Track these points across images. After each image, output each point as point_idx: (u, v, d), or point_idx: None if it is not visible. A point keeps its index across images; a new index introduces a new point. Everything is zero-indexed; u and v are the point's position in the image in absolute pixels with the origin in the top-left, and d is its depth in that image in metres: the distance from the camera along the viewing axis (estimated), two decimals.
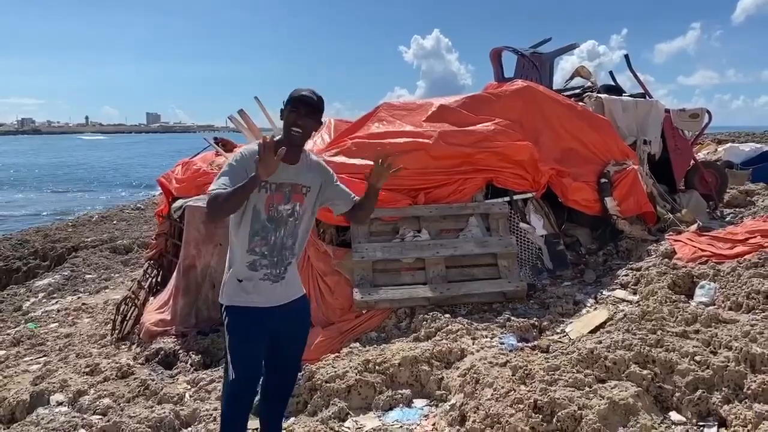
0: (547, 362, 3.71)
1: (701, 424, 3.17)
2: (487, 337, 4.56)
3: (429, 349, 4.19)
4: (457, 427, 3.38)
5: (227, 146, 7.47)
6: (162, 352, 5.29)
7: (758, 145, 14.68)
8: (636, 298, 5.11)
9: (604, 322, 4.56)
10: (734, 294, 4.69)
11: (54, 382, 4.70)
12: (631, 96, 8.11)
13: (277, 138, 2.78)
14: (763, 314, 4.25)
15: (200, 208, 5.81)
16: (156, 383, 4.61)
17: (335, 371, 4.03)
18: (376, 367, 4.05)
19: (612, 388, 3.32)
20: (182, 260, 5.89)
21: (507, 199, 6.05)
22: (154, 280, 6.97)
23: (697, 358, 3.51)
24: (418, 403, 3.84)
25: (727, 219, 7.82)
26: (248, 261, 2.74)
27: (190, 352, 5.21)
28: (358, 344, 4.60)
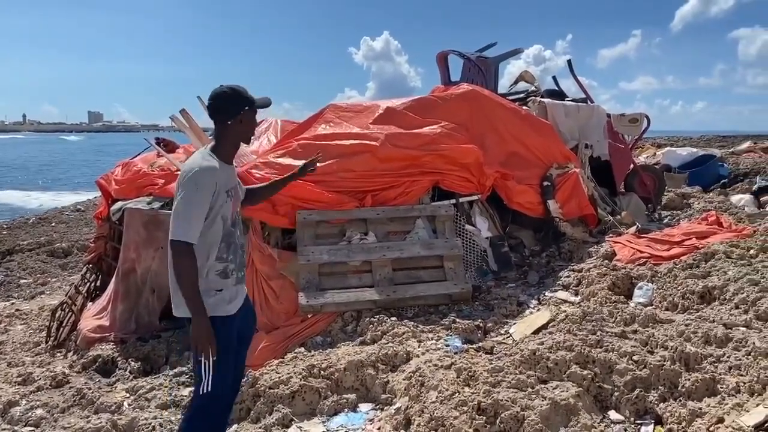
0: (491, 364, 3.74)
1: (639, 422, 3.25)
2: (432, 339, 4.57)
3: (375, 353, 4.17)
4: (402, 430, 3.37)
5: (169, 147, 7.29)
6: (100, 359, 5.11)
7: (695, 150, 15.26)
8: (577, 299, 5.22)
9: (547, 323, 4.63)
10: (670, 294, 4.84)
11: None
12: (573, 101, 8.29)
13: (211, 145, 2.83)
14: (697, 314, 4.40)
15: (140, 211, 5.65)
16: (92, 392, 4.44)
17: (279, 377, 3.96)
18: (321, 372, 4.00)
19: (554, 389, 3.36)
20: (121, 264, 5.70)
21: (453, 201, 6.09)
22: (92, 284, 6.74)
23: (635, 357, 3.60)
24: (364, 407, 3.81)
25: (664, 221, 8.08)
26: (218, 269, 2.73)
27: (129, 359, 5.05)
28: (303, 349, 4.54)
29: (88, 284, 6.71)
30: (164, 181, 5.87)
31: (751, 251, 5.36)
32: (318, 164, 3.63)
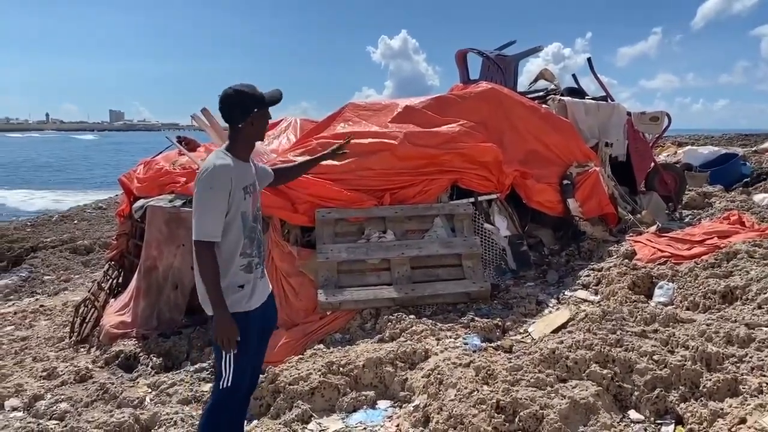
0: (510, 362, 3.74)
1: (659, 422, 3.23)
2: (451, 337, 4.58)
3: (393, 350, 4.19)
4: (421, 428, 3.38)
5: (190, 145, 7.36)
6: (122, 354, 5.19)
7: (716, 148, 15.08)
8: (597, 298, 5.19)
9: (566, 322, 4.61)
10: (691, 294, 4.80)
11: (8, 387, 4.57)
12: (593, 99, 8.24)
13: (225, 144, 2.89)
14: (719, 314, 4.36)
15: (162, 208, 5.72)
16: (115, 387, 4.51)
17: (299, 373, 3.99)
18: (340, 369, 4.03)
19: (573, 388, 3.35)
20: (143, 261, 5.78)
21: (471, 200, 6.09)
22: (114, 281, 6.83)
23: (656, 357, 3.58)
24: (382, 404, 3.83)
25: (685, 220, 8.00)
26: (242, 264, 2.76)
27: (151, 355, 5.12)
28: (322, 346, 4.57)
29: (110, 281, 6.80)
30: (186, 180, 5.93)
31: None
32: (337, 163, 3.82)
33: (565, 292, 5.42)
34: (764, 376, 3.31)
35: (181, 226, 5.49)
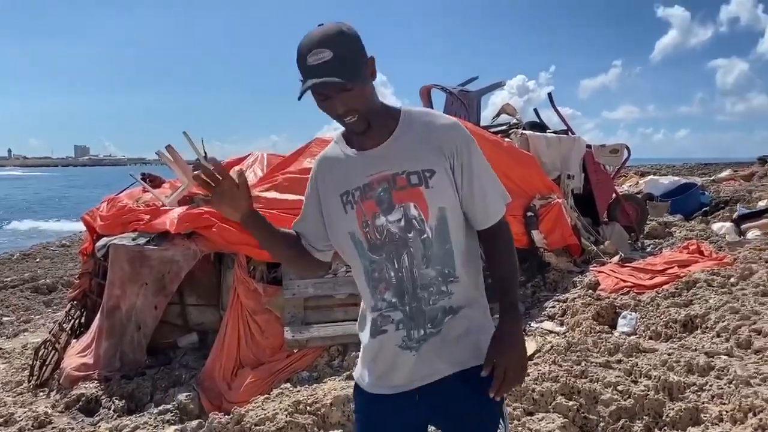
0: None
1: None
2: None
3: None
4: None
5: (155, 182, 7.30)
6: (83, 398, 5.03)
7: (676, 178, 15.52)
8: (563, 329, 5.25)
9: (533, 354, 4.64)
10: (653, 323, 4.89)
11: None
12: (554, 132, 8.44)
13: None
14: (680, 343, 4.45)
15: (125, 247, 5.63)
16: None
17: (265, 413, 3.93)
18: (307, 408, 3.98)
19: (539, 421, 3.38)
20: (106, 301, 5.66)
21: None
22: (77, 321, 6.66)
23: (620, 387, 3.63)
24: None
25: (647, 250, 8.17)
26: (373, 316, 1.76)
27: (114, 398, 4.98)
28: (289, 384, 4.51)
29: (72, 321, 6.63)
30: (150, 217, 5.86)
31: (732, 279, 5.44)
32: (304, 197, 2.96)
33: (532, 324, 5.47)
34: (724, 404, 3.38)
35: (145, 265, 5.41)
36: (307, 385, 4.50)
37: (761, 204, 10.53)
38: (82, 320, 6.66)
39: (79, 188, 63.59)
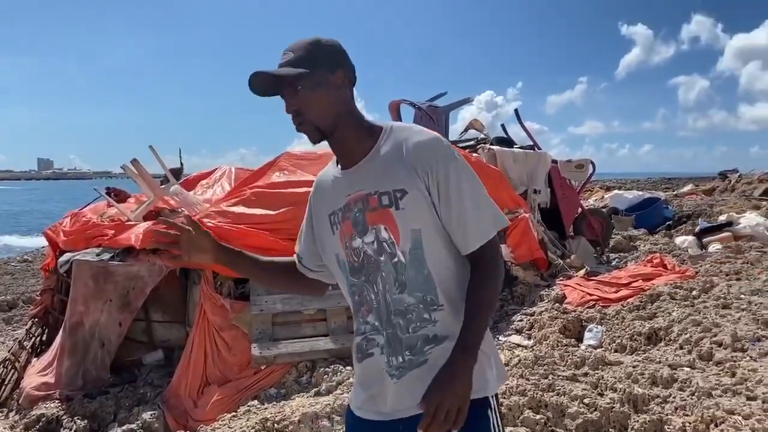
0: None
1: None
2: None
3: (330, 404, 4.13)
4: None
5: (120, 196, 7.19)
6: (44, 418, 4.89)
7: (641, 193, 15.82)
8: (530, 342, 5.29)
9: None
10: (619, 336, 4.96)
11: None
12: (521, 148, 8.56)
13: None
14: (645, 355, 4.52)
15: (89, 262, 5.53)
16: None
17: (232, 431, 3.88)
18: (275, 426, 3.93)
19: None
20: (69, 318, 5.53)
21: None
22: (38, 339, 6.50)
23: (586, 400, 3.66)
24: None
25: (612, 263, 8.30)
26: (357, 340, 1.73)
27: (75, 418, 4.85)
28: (256, 402, 4.46)
29: (33, 339, 6.46)
30: (114, 232, 5.77)
31: (694, 292, 5.55)
32: (272, 212, 3.03)
33: (500, 338, 5.50)
34: (687, 415, 3.43)
35: (109, 281, 5.31)
36: (274, 402, 4.45)
37: (722, 218, 10.80)
38: (44, 338, 6.50)
39: (41, 202, 62.21)
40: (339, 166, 1.71)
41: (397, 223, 1.57)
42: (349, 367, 4.83)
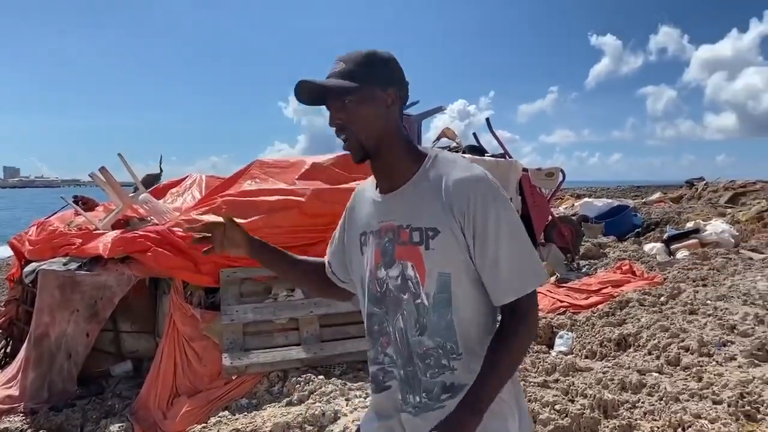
0: None
1: None
2: (360, 396, 4.53)
3: (302, 414, 4.09)
4: None
5: (88, 204, 7.07)
6: None
7: (610, 201, 16.07)
8: None
9: None
10: (589, 342, 5.02)
11: None
12: (493, 156, 8.63)
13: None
14: (614, 361, 4.57)
15: (55, 272, 5.42)
16: None
17: None
18: None
19: None
20: (34, 329, 5.41)
21: None
22: (1, 351, 6.35)
23: (557, 407, 3.69)
24: None
25: (583, 270, 8.40)
26: (373, 369, 1.68)
27: (40, 431, 4.76)
28: (227, 413, 4.40)
29: None
30: (82, 241, 5.66)
31: (662, 298, 5.64)
32: (244, 220, 3.09)
33: None
34: (655, 420, 3.48)
35: (76, 291, 5.21)
36: (245, 413, 4.40)
37: (689, 225, 11.00)
38: (8, 350, 6.36)
39: (7, 210, 60.86)
40: (378, 188, 1.62)
41: (424, 264, 1.48)
42: (321, 377, 4.80)
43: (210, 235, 1.83)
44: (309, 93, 1.52)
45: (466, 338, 1.50)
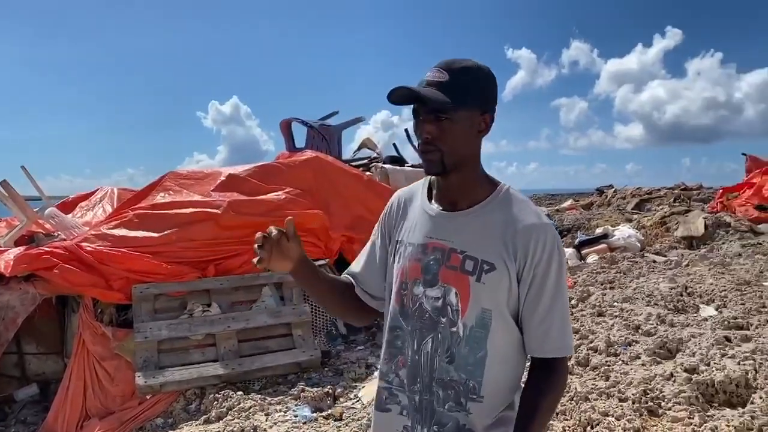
0: (338, 431, 3.73)
1: None
2: (281, 411, 4.47)
3: (220, 431, 4.01)
4: None
5: None
6: None
7: None
8: None
9: None
10: None
11: None
12: (412, 166, 8.76)
13: None
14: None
15: None
16: None
17: None
18: None
19: None
20: None
21: None
22: None
23: None
24: None
25: None
26: (380, 385, 1.62)
27: None
28: None
29: None
30: None
31: (572, 301, 5.87)
32: (156, 234, 2.78)
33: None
34: (567, 420, 3.61)
35: None
36: None
37: (598, 231, 11.51)
38: None
39: None
40: (435, 201, 1.56)
41: (470, 295, 1.43)
42: (240, 392, 4.71)
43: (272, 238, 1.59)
44: (401, 96, 1.44)
45: (491, 381, 1.45)
